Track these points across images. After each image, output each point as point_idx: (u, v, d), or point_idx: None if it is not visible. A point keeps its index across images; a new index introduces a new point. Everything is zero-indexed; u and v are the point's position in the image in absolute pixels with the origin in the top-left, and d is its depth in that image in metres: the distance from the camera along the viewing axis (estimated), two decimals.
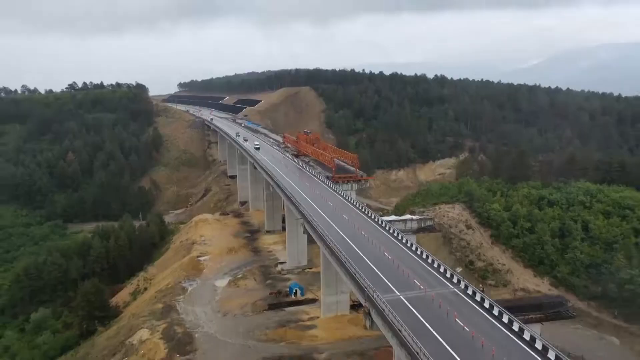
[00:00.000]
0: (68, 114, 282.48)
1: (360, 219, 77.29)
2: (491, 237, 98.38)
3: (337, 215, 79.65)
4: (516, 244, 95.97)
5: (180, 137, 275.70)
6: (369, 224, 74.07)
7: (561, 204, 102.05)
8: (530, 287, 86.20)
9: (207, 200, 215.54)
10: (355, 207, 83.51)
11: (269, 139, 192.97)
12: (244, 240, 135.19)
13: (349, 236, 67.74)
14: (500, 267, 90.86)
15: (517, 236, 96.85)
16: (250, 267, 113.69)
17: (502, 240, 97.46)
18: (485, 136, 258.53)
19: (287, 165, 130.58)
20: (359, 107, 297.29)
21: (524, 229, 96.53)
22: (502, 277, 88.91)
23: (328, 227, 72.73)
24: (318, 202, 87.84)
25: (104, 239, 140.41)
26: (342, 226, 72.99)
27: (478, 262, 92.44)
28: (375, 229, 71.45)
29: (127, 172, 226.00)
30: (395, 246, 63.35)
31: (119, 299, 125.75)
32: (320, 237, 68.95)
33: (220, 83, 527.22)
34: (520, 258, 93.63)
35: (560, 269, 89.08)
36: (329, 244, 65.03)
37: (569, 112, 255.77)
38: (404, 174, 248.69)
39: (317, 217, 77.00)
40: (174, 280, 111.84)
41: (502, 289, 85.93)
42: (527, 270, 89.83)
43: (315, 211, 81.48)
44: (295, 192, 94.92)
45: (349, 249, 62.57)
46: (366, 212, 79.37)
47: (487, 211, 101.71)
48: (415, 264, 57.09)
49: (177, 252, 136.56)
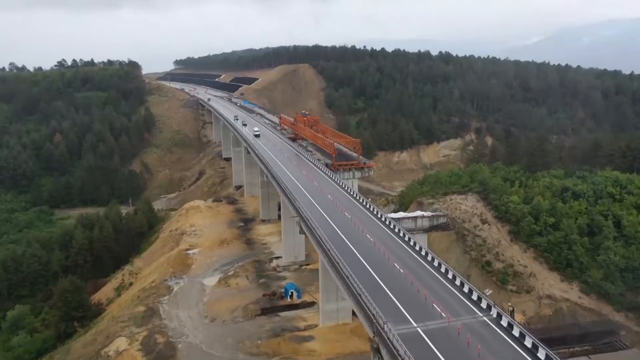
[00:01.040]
0: (56, 93, 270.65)
1: (364, 217, 67.38)
2: (510, 234, 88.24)
3: (337, 212, 69.73)
4: (539, 242, 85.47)
5: (174, 117, 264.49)
6: (375, 224, 64.17)
7: (588, 196, 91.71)
8: (557, 294, 76.47)
9: (200, 184, 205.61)
10: (358, 203, 73.56)
11: (265, 120, 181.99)
12: (237, 230, 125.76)
13: (353, 241, 57.89)
14: (521, 269, 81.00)
15: (540, 233, 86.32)
16: (243, 263, 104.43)
17: (523, 238, 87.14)
18: (493, 116, 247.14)
19: (282, 151, 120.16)
20: (360, 85, 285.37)
21: (547, 225, 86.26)
22: (525, 282, 79.07)
23: (327, 227, 62.94)
24: (316, 196, 77.85)
25: (88, 229, 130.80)
26: (343, 227, 63.10)
27: (496, 263, 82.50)
28: (382, 231, 61.57)
29: (117, 155, 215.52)
30: (408, 255, 53.43)
31: (102, 294, 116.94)
32: (318, 242, 59.21)
33: (217, 60, 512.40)
34: (544, 259, 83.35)
35: (591, 273, 79.04)
36: (328, 251, 55.35)
37: (580, 91, 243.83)
38: (407, 156, 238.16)
39: (314, 215, 67.15)
40: (159, 276, 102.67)
41: (525, 296, 76.42)
42: (552, 273, 79.80)
43: (313, 207, 71.57)
44: (290, 184, 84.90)
45: (352, 259, 52.80)
46: (371, 209, 69.41)
47: (505, 204, 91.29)
48: (434, 281, 47.32)
49: (165, 243, 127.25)
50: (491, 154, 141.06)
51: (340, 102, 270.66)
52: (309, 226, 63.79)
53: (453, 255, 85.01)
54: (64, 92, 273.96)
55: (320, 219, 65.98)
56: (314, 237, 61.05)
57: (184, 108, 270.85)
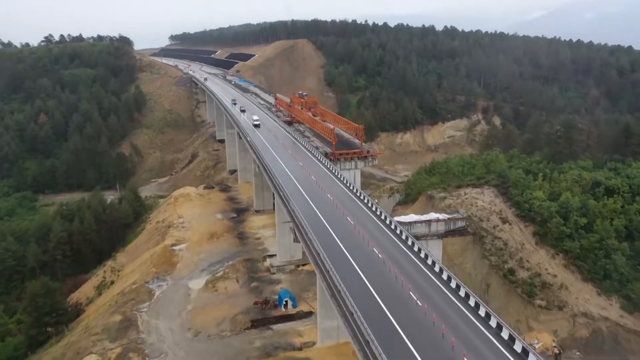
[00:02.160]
0: (42, 70, 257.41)
1: (371, 224, 57.02)
2: (534, 236, 77.87)
3: (338, 216, 59.36)
4: (570, 247, 74.33)
5: (166, 96, 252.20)
6: (383, 234, 53.82)
7: (623, 193, 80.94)
8: (595, 312, 66.26)
9: (193, 168, 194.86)
10: (363, 204, 63.10)
11: (260, 101, 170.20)
12: (229, 222, 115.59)
13: (359, 260, 47.50)
14: (550, 279, 70.68)
15: (571, 236, 75.25)
16: (233, 261, 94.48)
17: (550, 241, 76.21)
18: (500, 95, 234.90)
19: (277, 137, 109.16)
20: (361, 62, 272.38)
21: (578, 226, 75.47)
22: (555, 295, 68.78)
23: (326, 238, 52.67)
24: (314, 194, 67.44)
25: (67, 221, 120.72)
26: (346, 237, 52.75)
27: (520, 271, 72.19)
28: (392, 243, 51.24)
29: (105, 136, 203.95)
30: (426, 280, 43.17)
31: (82, 293, 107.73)
32: (316, 260, 48.98)
33: (213, 36, 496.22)
34: (576, 267, 72.43)
35: (634, 286, 68.44)
36: (327, 274, 45.18)
37: (594, 68, 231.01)
38: (410, 137, 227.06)
39: (311, 221, 56.81)
40: (141, 277, 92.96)
41: (557, 314, 66.32)
42: (587, 285, 69.21)
43: (310, 209, 61.23)
44: (285, 179, 74.40)
45: (358, 286, 42.64)
46: (379, 213, 58.98)
47: (528, 201, 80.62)
48: (464, 322, 37.32)
49: (151, 236, 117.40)
50: (505, 140, 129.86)
51: (341, 80, 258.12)
52: (305, 238, 53.54)
53: (469, 259, 75.12)
54: (51, 69, 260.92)
55: (319, 226, 55.63)
56: (311, 252, 50.82)
57: (177, 86, 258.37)
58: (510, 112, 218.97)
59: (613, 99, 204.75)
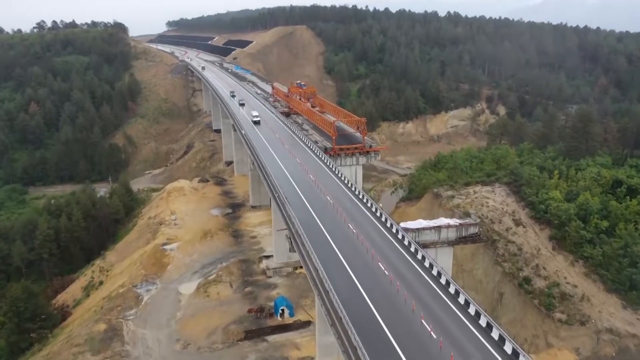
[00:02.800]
0: (33, 57, 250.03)
1: (374, 231, 51.42)
2: (551, 240, 72.07)
3: (339, 222, 53.70)
4: (592, 254, 67.80)
5: (161, 84, 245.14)
6: (389, 245, 48.14)
7: None
8: (621, 328, 60.47)
9: (188, 159, 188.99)
10: (365, 207, 57.41)
11: (257, 90, 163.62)
12: (224, 219, 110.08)
13: (361, 277, 41.95)
14: (570, 289, 64.71)
15: (591, 241, 69.01)
16: (227, 263, 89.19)
17: (569, 247, 69.95)
18: (505, 83, 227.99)
19: (274, 130, 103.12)
20: (361, 49, 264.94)
21: (599, 230, 69.25)
22: (576, 308, 62.79)
23: (326, 249, 47.04)
24: (312, 197, 61.73)
25: (54, 217, 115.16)
26: (349, 249, 47.08)
27: (537, 279, 66.31)
28: (400, 257, 45.56)
29: (98, 126, 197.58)
30: (443, 307, 37.36)
31: (69, 295, 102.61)
32: (313, 275, 43.37)
33: (211, 22, 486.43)
34: (598, 276, 65.97)
35: None
36: (325, 295, 39.58)
37: (602, 55, 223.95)
38: (412, 126, 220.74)
39: (310, 229, 51.17)
40: (129, 279, 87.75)
41: (579, 329, 60.60)
42: (611, 297, 63.21)
43: (308, 215, 55.55)
44: (281, 179, 68.68)
45: (362, 310, 37.07)
46: (384, 220, 53.32)
47: (544, 201, 74.87)
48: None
49: (141, 234, 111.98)
50: (515, 133, 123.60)
51: (340, 68, 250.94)
52: (302, 251, 47.91)
53: (480, 265, 69.67)
54: (43, 57, 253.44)
55: (317, 235, 49.96)
56: (308, 268, 45.20)
57: (173, 74, 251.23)
58: (516, 101, 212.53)
59: (623, 88, 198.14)
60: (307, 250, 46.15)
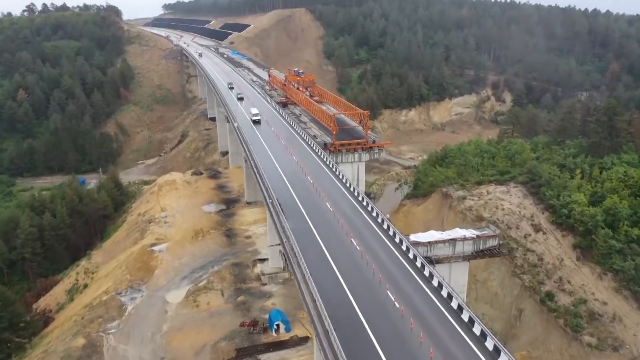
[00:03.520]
0: (22, 42, 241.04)
1: (382, 249, 44.76)
2: (575, 249, 65.18)
3: (341, 236, 47.07)
4: (623, 267, 60.18)
5: (155, 70, 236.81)
6: (398, 266, 41.55)
7: None
8: None
9: (182, 149, 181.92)
10: (370, 217, 50.68)
11: (253, 77, 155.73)
12: (217, 216, 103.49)
13: (368, 311, 35.34)
14: (599, 307, 57.87)
15: (621, 252, 61.49)
16: (219, 267, 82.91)
17: (596, 258, 62.73)
18: (512, 68, 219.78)
19: (270, 123, 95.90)
20: (362, 33, 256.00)
21: (630, 239, 61.75)
22: (607, 330, 55.78)
23: (325, 272, 40.45)
24: (311, 203, 55.03)
25: (37, 214, 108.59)
26: (352, 272, 40.49)
27: (561, 295, 59.38)
28: (412, 283, 38.93)
29: (88, 114, 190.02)
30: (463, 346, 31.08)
31: (52, 298, 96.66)
32: (309, 306, 36.81)
33: (208, 4, 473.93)
34: (630, 293, 58.75)
35: None
36: (323, 335, 33.04)
37: (612, 40, 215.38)
38: (415, 114, 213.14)
39: (307, 245, 44.49)
40: (114, 285, 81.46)
41: (612, 356, 53.65)
42: None
43: (305, 227, 48.97)
44: (276, 181, 61.89)
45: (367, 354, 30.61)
46: (392, 234, 46.64)
47: (566, 205, 68.01)
48: None
49: (130, 232, 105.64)
50: (529, 124, 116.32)
51: (341, 52, 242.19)
52: (297, 274, 41.26)
53: (496, 276, 63.23)
54: (32, 41, 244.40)
55: (315, 252, 43.35)
56: (305, 298, 38.44)
57: (167, 59, 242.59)
58: (523, 87, 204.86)
59: (635, 74, 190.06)
60: (303, 273, 39.58)
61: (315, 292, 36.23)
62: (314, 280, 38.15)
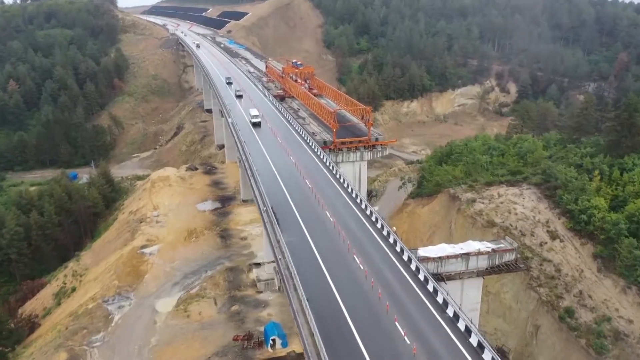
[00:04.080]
0: (14, 30, 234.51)
1: (389, 269, 40.07)
2: (595, 259, 60.49)
3: (342, 251, 42.36)
4: None
5: (150, 59, 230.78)
6: (408, 290, 36.89)
7: None
8: None
9: (178, 141, 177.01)
10: (375, 230, 45.97)
11: (249, 68, 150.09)
12: (212, 215, 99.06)
13: (369, 340, 30.90)
14: (624, 327, 53.08)
15: None
16: (213, 272, 78.57)
17: (619, 269, 57.86)
18: (517, 58, 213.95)
19: (267, 118, 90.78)
20: (363, 21, 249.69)
21: None
22: (635, 353, 50.72)
23: (325, 296, 35.79)
24: (309, 212, 50.30)
25: (24, 213, 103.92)
26: (353, 295, 35.87)
27: (582, 311, 54.73)
28: (424, 312, 34.34)
29: (81, 106, 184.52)
30: None
31: (39, 302, 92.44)
32: (305, 342, 32.24)
33: None
34: None
35: None
36: None
37: (620, 29, 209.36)
38: (417, 105, 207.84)
39: (303, 263, 39.83)
40: (101, 291, 77.22)
41: None
42: None
43: (302, 240, 44.23)
44: (271, 186, 57.00)
45: None
46: (399, 250, 41.96)
47: (586, 211, 63.60)
48: None
49: (120, 232, 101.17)
50: (541, 119, 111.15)
51: (341, 42, 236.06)
52: (293, 300, 36.66)
53: (509, 288, 58.71)
54: (24, 30, 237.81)
55: (314, 272, 38.65)
56: (299, 327, 33.92)
57: (163, 48, 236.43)
58: (528, 78, 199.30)
59: None
60: (300, 299, 34.94)
61: (314, 326, 31.66)
62: (312, 308, 33.49)
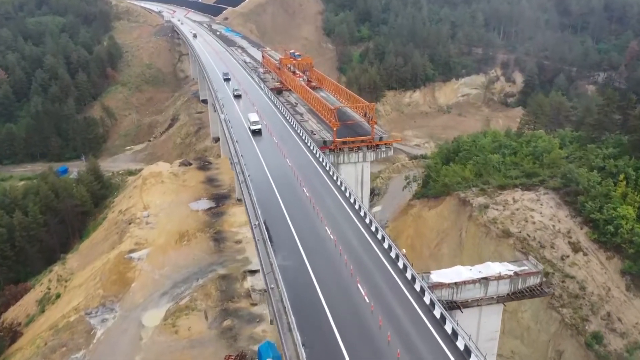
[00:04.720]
0: (3, 17, 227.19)
1: (396, 296, 34.77)
2: (624, 275, 55.02)
3: (344, 279, 36.94)
4: None
5: (145, 48, 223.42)
6: (419, 325, 31.69)
7: None
8: None
9: (173, 134, 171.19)
10: (381, 250, 40.53)
11: (245, 58, 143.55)
12: (205, 215, 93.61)
13: None
14: None
15: None
16: (204, 280, 73.48)
17: None
18: (523, 46, 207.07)
19: (262, 114, 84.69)
20: (364, 8, 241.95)
21: None
22: None
23: (323, 337, 30.49)
24: (307, 228, 44.75)
25: (7, 213, 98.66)
26: (355, 333, 30.71)
27: (611, 336, 49.50)
28: (436, 351, 29.24)
29: (72, 96, 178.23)
30: None
31: (22, 308, 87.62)
32: None
33: None
34: None
35: None
36: None
37: (631, 16, 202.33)
38: (420, 96, 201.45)
39: (300, 294, 34.47)
40: (85, 301, 72.30)
41: None
42: None
43: (299, 263, 38.72)
44: (265, 192, 51.38)
45: None
46: (410, 278, 36.58)
47: (612, 220, 57.86)
48: None
49: (108, 233, 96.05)
50: (555, 115, 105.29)
51: (341, 29, 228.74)
52: (286, 342, 31.42)
53: (528, 307, 53.47)
54: (14, 17, 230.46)
55: (312, 306, 33.30)
56: None
57: (157, 36, 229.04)
58: (534, 67, 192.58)
59: None
60: (295, 342, 29.65)
61: None
62: (309, 354, 28.24)
